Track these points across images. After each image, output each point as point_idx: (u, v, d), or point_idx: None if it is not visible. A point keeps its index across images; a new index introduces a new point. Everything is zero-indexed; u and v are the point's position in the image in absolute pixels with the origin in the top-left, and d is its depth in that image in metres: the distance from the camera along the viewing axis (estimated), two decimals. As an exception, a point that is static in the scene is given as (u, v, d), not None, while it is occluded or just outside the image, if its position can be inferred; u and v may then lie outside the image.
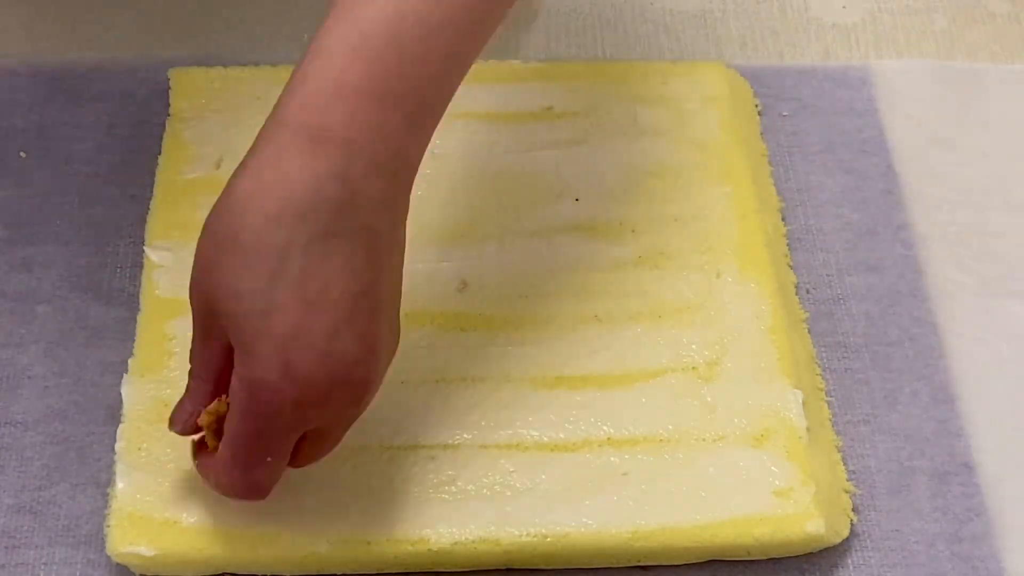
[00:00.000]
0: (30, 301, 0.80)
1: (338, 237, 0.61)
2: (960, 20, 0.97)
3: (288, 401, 0.61)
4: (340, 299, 0.61)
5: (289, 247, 0.61)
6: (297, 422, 0.63)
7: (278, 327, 0.60)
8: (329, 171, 0.61)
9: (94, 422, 0.76)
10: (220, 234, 0.62)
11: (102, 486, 0.74)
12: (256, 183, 0.62)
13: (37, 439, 0.75)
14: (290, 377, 0.61)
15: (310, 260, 0.61)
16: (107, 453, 0.74)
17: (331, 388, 0.62)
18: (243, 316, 0.61)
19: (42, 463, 0.75)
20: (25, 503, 0.73)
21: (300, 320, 0.60)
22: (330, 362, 0.61)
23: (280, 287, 0.60)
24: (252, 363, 0.61)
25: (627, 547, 0.71)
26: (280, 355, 0.61)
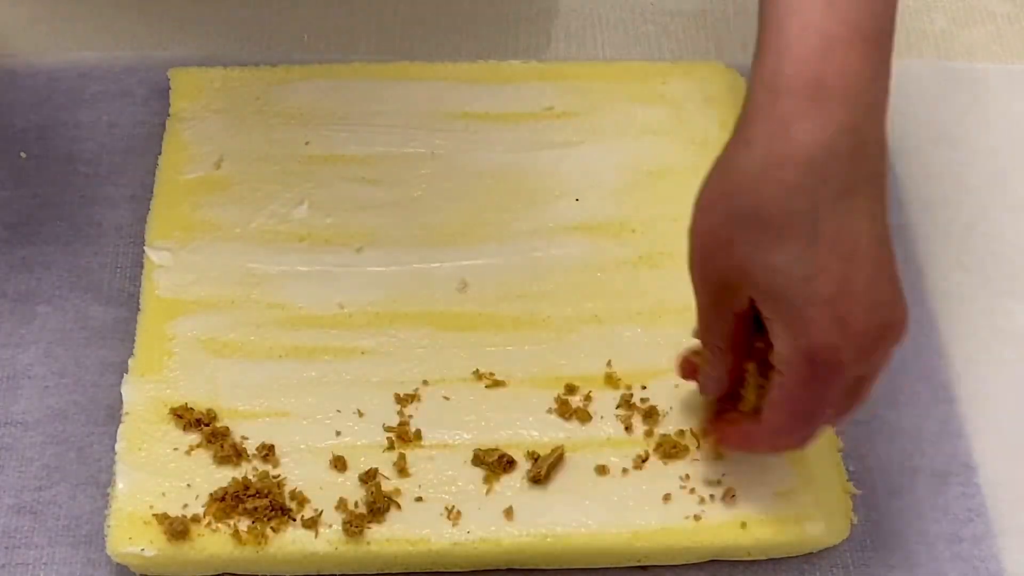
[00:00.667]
0: (30, 301, 0.80)
1: (857, 190, 0.62)
2: (960, 20, 0.97)
3: (849, 357, 0.63)
4: (870, 248, 0.62)
5: (817, 210, 0.61)
6: (855, 372, 0.64)
7: (825, 288, 0.61)
8: (838, 126, 0.61)
9: (94, 422, 0.76)
10: (735, 210, 0.63)
11: (102, 486, 0.74)
12: (766, 154, 0.62)
13: (37, 439, 0.75)
14: (848, 333, 0.62)
15: (838, 218, 0.61)
16: (107, 453, 0.74)
17: (880, 334, 0.63)
18: (785, 286, 0.62)
19: (42, 463, 0.75)
20: (25, 503, 0.73)
21: (843, 277, 0.61)
22: (877, 310, 0.62)
23: (816, 251, 0.61)
24: (807, 329, 0.62)
25: (627, 547, 0.71)
26: (833, 314, 0.62)
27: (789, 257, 0.61)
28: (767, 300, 0.63)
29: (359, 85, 0.87)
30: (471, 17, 0.95)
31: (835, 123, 0.61)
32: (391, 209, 0.82)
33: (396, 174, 0.84)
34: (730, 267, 0.64)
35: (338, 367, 0.76)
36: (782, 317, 0.63)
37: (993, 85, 0.93)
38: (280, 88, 0.87)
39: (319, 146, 0.84)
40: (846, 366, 0.63)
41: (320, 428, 0.74)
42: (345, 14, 0.94)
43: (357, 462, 0.73)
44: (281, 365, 0.76)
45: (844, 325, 0.62)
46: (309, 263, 0.80)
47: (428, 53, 0.92)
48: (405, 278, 0.79)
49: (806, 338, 0.62)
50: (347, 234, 0.81)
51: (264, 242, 0.80)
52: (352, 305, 0.78)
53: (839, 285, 0.61)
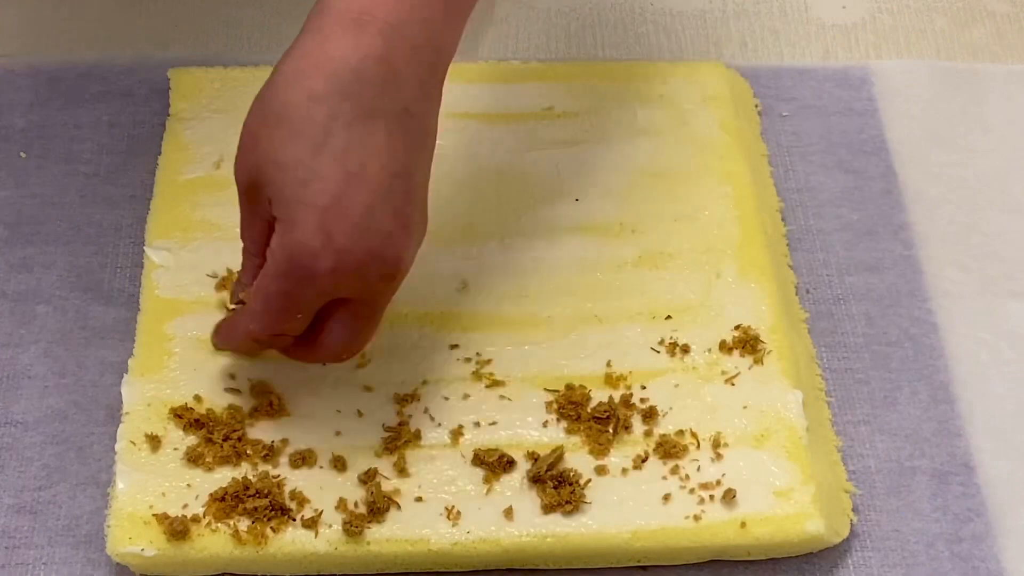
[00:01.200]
0: (30, 301, 0.80)
1: (379, 117, 0.65)
2: (960, 20, 0.97)
3: (325, 267, 0.65)
4: (378, 176, 0.65)
5: (332, 122, 0.64)
6: (330, 287, 0.66)
7: (319, 197, 0.64)
8: (372, 53, 0.65)
9: (94, 422, 0.76)
10: (266, 110, 0.66)
11: (102, 486, 0.74)
12: (302, 62, 0.66)
13: (37, 439, 0.75)
14: (329, 246, 0.65)
15: (352, 136, 0.64)
16: (107, 453, 0.74)
17: (366, 260, 0.65)
18: (286, 185, 0.65)
19: (42, 463, 0.75)
20: (25, 503, 0.73)
21: (340, 191, 0.64)
22: (367, 235, 0.65)
23: (322, 159, 0.64)
24: (293, 229, 0.65)
25: (627, 547, 0.71)
26: (320, 223, 0.64)
27: (294, 158, 0.64)
28: (272, 198, 0.66)
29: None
30: (471, 17, 0.95)
31: (368, 49, 0.65)
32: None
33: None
34: (254, 164, 0.66)
35: (338, 367, 0.76)
36: (279, 213, 0.65)
37: (993, 85, 0.93)
38: (280, 88, 0.87)
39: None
40: (321, 275, 0.65)
41: (320, 428, 0.74)
42: (345, 14, 0.94)
43: (357, 462, 0.73)
44: (281, 365, 0.76)
45: (328, 236, 0.64)
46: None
47: (428, 53, 0.92)
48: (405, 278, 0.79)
49: (291, 235, 0.65)
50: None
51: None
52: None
53: (333, 197, 0.64)
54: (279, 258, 0.66)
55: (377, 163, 0.65)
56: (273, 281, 0.67)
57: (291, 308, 0.68)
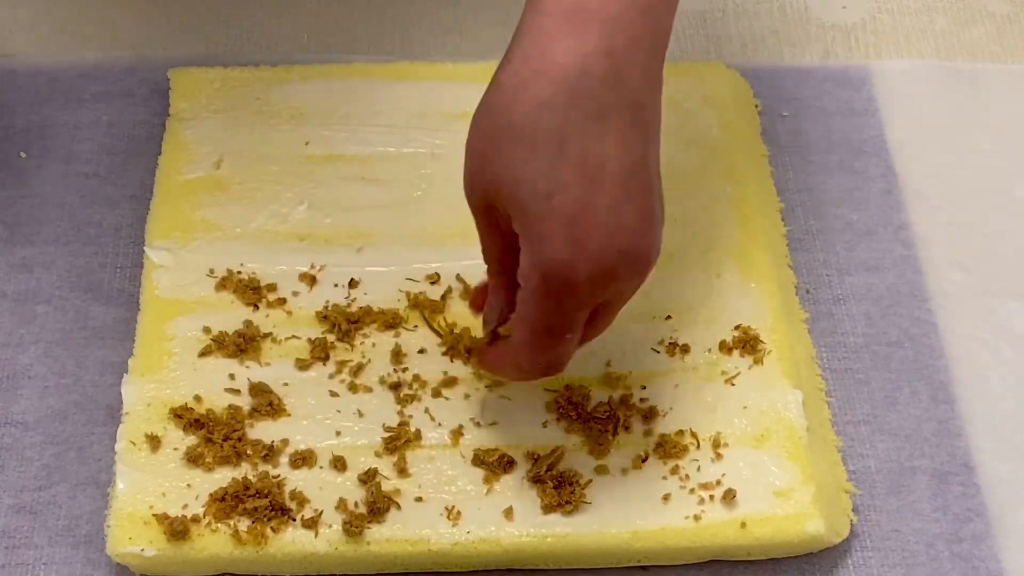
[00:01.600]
0: (30, 301, 0.80)
1: (610, 114, 0.63)
2: (960, 20, 0.97)
3: (582, 277, 0.63)
4: (618, 174, 0.63)
5: (565, 128, 0.62)
6: (590, 297, 0.64)
7: (564, 206, 0.62)
8: (594, 49, 0.62)
9: (94, 422, 0.76)
10: (493, 126, 0.64)
11: (102, 486, 0.74)
12: (523, 71, 0.63)
13: (37, 439, 0.75)
14: (582, 254, 0.62)
15: (587, 139, 0.62)
16: (107, 453, 0.74)
17: (619, 261, 0.63)
18: (528, 200, 0.63)
19: (42, 463, 0.75)
20: (25, 503, 0.73)
21: (584, 198, 0.62)
22: (616, 236, 0.63)
23: (561, 168, 0.62)
24: (542, 245, 0.63)
25: (627, 547, 0.71)
26: (569, 233, 0.62)
27: (533, 172, 0.62)
28: (515, 214, 0.64)
29: (359, 85, 0.87)
30: (471, 17, 0.95)
31: (590, 45, 0.62)
32: (391, 209, 0.82)
33: (396, 174, 0.84)
34: (489, 182, 0.64)
35: (338, 367, 0.76)
36: (524, 231, 0.63)
37: (993, 85, 0.93)
38: (280, 88, 0.87)
39: (319, 146, 0.84)
40: (580, 286, 0.63)
41: (320, 428, 0.74)
42: (345, 14, 0.94)
43: (357, 462, 0.73)
44: (281, 365, 0.76)
45: (579, 244, 0.62)
46: (309, 263, 0.80)
47: (428, 53, 0.92)
48: (404, 279, 0.79)
49: (541, 253, 0.63)
50: (347, 234, 0.81)
51: (264, 242, 0.80)
52: (352, 305, 0.78)
53: (579, 205, 0.62)
54: (534, 280, 0.64)
55: (615, 162, 0.63)
56: (534, 306, 0.65)
57: (559, 328, 0.66)
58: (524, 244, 0.64)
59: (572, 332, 0.66)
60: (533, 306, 0.65)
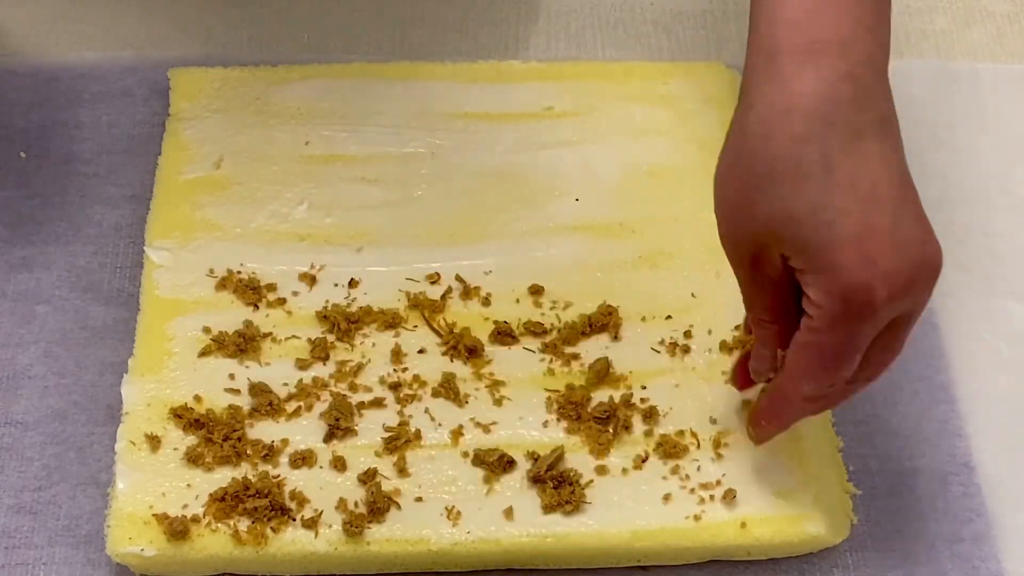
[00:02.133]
0: (30, 301, 0.80)
1: (865, 134, 0.63)
2: (960, 20, 0.97)
3: (881, 297, 0.63)
4: (889, 190, 0.63)
5: (828, 156, 0.62)
6: (889, 312, 0.64)
7: (849, 229, 0.62)
8: (837, 75, 0.63)
9: (94, 422, 0.76)
10: (750, 172, 0.64)
11: (102, 486, 0.74)
12: (770, 111, 0.63)
13: (37, 439, 0.75)
14: (879, 272, 0.62)
15: (851, 161, 0.63)
16: (107, 453, 0.74)
17: (912, 274, 0.64)
18: (809, 233, 0.62)
19: (42, 463, 0.75)
20: (25, 503, 0.73)
21: (865, 217, 0.62)
22: (904, 249, 0.63)
23: (836, 194, 0.62)
24: (837, 273, 0.62)
25: (627, 547, 0.71)
26: (862, 254, 0.62)
27: (808, 205, 0.62)
28: (795, 253, 0.64)
29: (359, 85, 0.87)
30: (471, 17, 0.95)
31: (833, 73, 0.63)
32: (391, 209, 0.82)
33: (396, 174, 0.84)
34: (755, 231, 0.65)
35: (338, 367, 0.76)
36: (812, 265, 0.63)
37: (993, 85, 0.93)
38: (280, 88, 0.87)
39: (319, 146, 0.84)
40: (879, 306, 0.63)
41: (320, 428, 0.74)
42: (345, 14, 0.94)
43: (357, 462, 0.73)
44: (281, 365, 0.76)
45: (873, 263, 0.62)
46: (309, 263, 0.80)
47: (428, 53, 0.92)
48: (403, 279, 0.79)
49: (838, 281, 0.63)
50: (347, 234, 0.81)
51: (264, 242, 0.80)
52: (352, 305, 0.78)
53: (862, 225, 0.62)
54: (831, 307, 0.63)
55: (884, 178, 0.63)
56: (828, 332, 0.64)
57: (850, 352, 0.65)
58: (812, 278, 0.63)
59: (861, 352, 0.65)
60: (828, 332, 0.64)
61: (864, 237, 0.62)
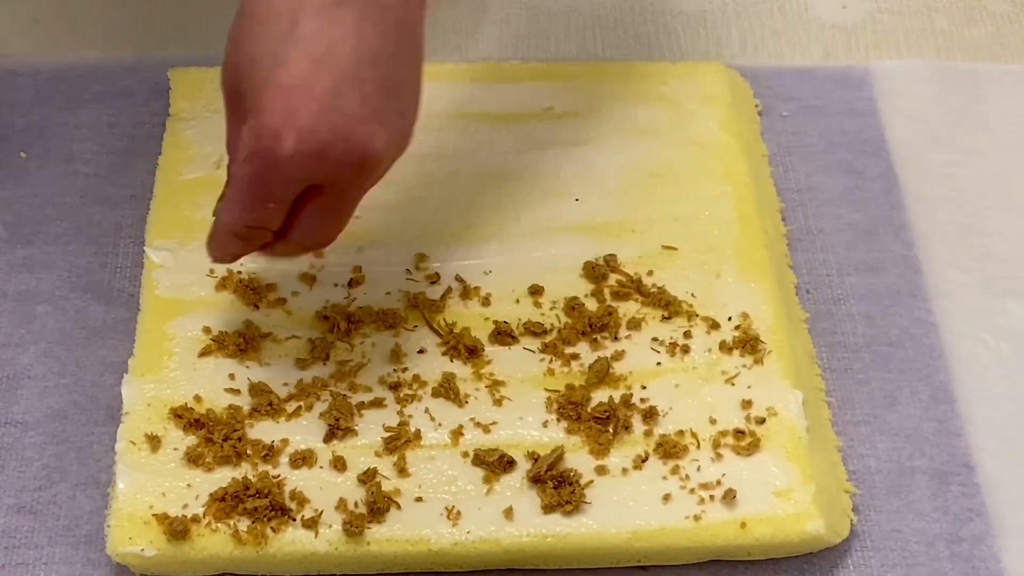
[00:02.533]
0: (30, 301, 0.80)
1: (347, 4, 0.65)
2: (960, 20, 0.97)
3: (288, 148, 0.64)
4: (345, 60, 0.65)
5: (300, 11, 0.65)
6: (296, 170, 0.65)
7: (284, 78, 0.64)
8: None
9: (94, 422, 0.76)
10: (242, 11, 0.68)
11: (102, 486, 0.74)
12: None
13: (37, 439, 0.75)
14: (292, 125, 0.64)
15: (319, 22, 0.65)
16: (107, 453, 0.74)
17: (330, 140, 0.65)
18: (255, 73, 0.66)
19: (42, 463, 0.75)
20: (25, 503, 0.73)
21: (305, 74, 0.64)
22: (332, 116, 0.64)
23: (289, 45, 0.65)
24: (259, 113, 0.65)
25: (627, 547, 0.71)
26: (284, 102, 0.64)
27: (264, 48, 0.65)
28: (247, 93, 0.66)
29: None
30: (471, 17, 0.95)
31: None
32: (391, 209, 0.82)
33: (396, 174, 0.84)
34: (233, 65, 0.68)
35: (338, 367, 0.76)
36: (250, 104, 0.66)
37: (993, 85, 0.93)
38: (280, 88, 0.87)
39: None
40: (284, 155, 0.64)
41: (320, 428, 0.74)
42: (345, 14, 0.94)
43: (357, 462, 0.73)
44: (281, 365, 0.76)
45: (291, 115, 0.64)
46: (309, 263, 0.80)
47: (428, 53, 0.92)
48: (403, 279, 0.79)
49: (256, 120, 0.65)
50: (347, 234, 0.81)
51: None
52: (352, 305, 0.78)
53: (297, 79, 0.64)
54: (247, 142, 0.65)
55: (344, 48, 0.65)
56: (243, 166, 0.66)
57: (262, 194, 0.67)
58: (248, 115, 0.66)
59: (275, 203, 0.67)
60: (243, 166, 0.66)
61: (294, 90, 0.64)
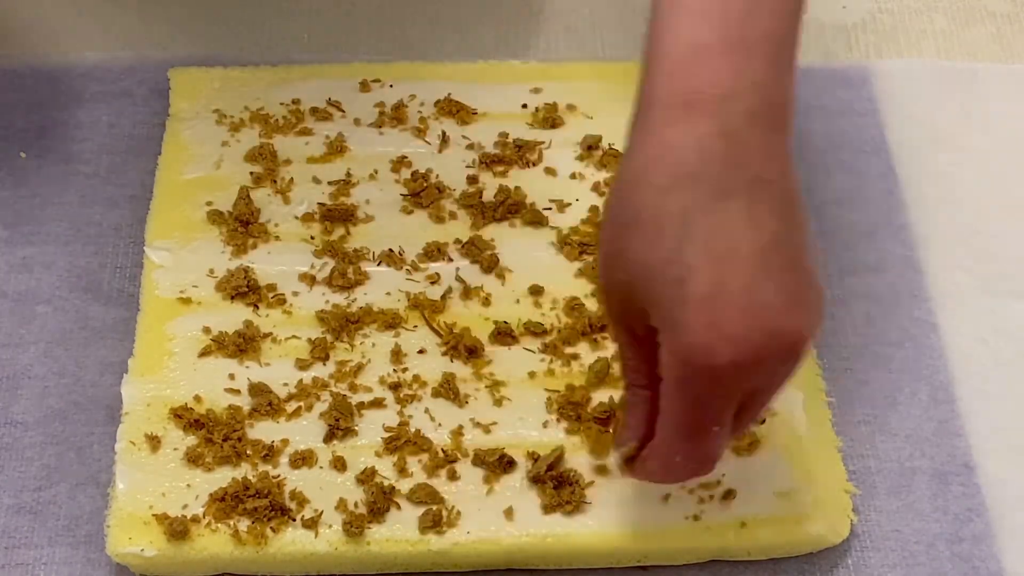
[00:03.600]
0: (30, 301, 0.80)
1: (733, 193, 0.60)
2: (960, 20, 0.97)
3: (724, 361, 0.60)
4: (750, 253, 0.60)
5: (688, 212, 0.60)
6: (735, 383, 0.61)
7: (697, 289, 0.59)
8: (709, 130, 0.61)
9: (94, 422, 0.76)
10: (619, 219, 0.62)
11: (102, 486, 0.74)
12: (642, 160, 0.62)
13: (37, 439, 0.75)
14: (723, 335, 0.59)
15: (711, 219, 0.60)
16: (107, 453, 0.74)
17: (763, 342, 0.60)
18: (660, 288, 0.60)
19: (42, 463, 0.75)
20: (25, 503, 0.73)
21: (717, 279, 0.60)
22: (756, 315, 0.60)
23: (689, 251, 0.60)
24: (679, 332, 0.60)
25: (627, 547, 0.71)
26: (705, 316, 0.59)
27: (662, 259, 0.60)
28: (649, 306, 0.61)
29: (359, 85, 0.87)
30: (471, 17, 0.95)
31: (704, 128, 0.61)
32: (391, 209, 0.82)
33: (396, 174, 0.84)
34: (623, 276, 0.63)
35: (338, 367, 0.76)
36: (661, 321, 0.61)
37: (993, 85, 0.93)
38: (280, 88, 0.87)
39: (319, 146, 0.84)
40: (723, 371, 0.60)
41: (320, 428, 0.74)
42: (345, 14, 0.94)
43: (357, 462, 0.73)
44: (281, 365, 0.76)
45: (718, 327, 0.59)
46: (309, 263, 0.80)
47: (428, 53, 0.92)
48: (403, 280, 0.79)
49: (678, 340, 0.60)
50: (347, 234, 0.81)
51: (264, 242, 0.80)
52: (352, 305, 0.78)
53: (712, 287, 0.59)
54: (674, 368, 0.61)
55: (745, 240, 0.60)
56: (677, 398, 0.62)
57: (705, 421, 0.62)
58: (662, 336, 0.61)
59: (719, 425, 0.63)
60: (676, 399, 0.62)
61: (712, 299, 0.59)
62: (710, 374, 0.60)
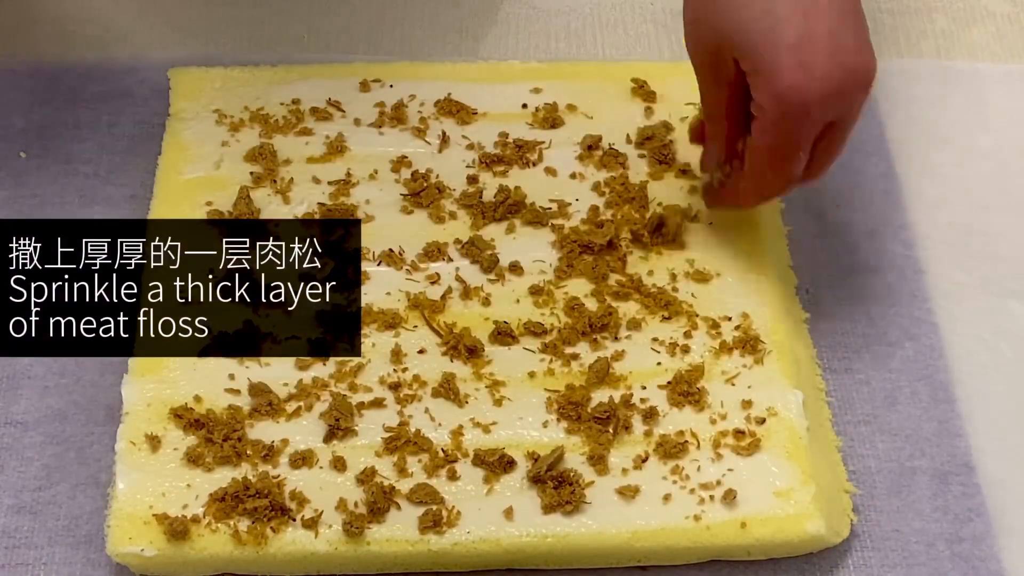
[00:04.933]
0: (30, 301, 0.80)
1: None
2: (960, 20, 0.97)
3: (814, 98, 0.71)
4: (830, 5, 0.71)
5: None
6: (822, 115, 0.72)
7: (789, 37, 0.70)
8: None
9: (94, 422, 0.76)
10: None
11: (102, 486, 0.74)
12: None
13: (37, 439, 0.76)
14: (812, 75, 0.70)
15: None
16: (107, 453, 0.74)
17: (844, 77, 0.71)
18: (755, 39, 0.71)
19: (42, 463, 0.75)
20: (25, 503, 0.74)
21: (805, 27, 0.70)
22: (839, 55, 0.71)
23: (778, 5, 0.70)
24: (775, 76, 0.71)
25: (627, 547, 0.71)
26: (798, 58, 0.70)
27: (754, 13, 0.70)
28: (743, 56, 0.71)
29: (359, 85, 0.87)
30: (471, 17, 0.95)
31: None
32: (391, 209, 0.82)
33: (396, 174, 0.84)
34: (712, 34, 0.73)
35: (338, 367, 0.76)
36: (755, 67, 0.71)
37: (993, 85, 0.93)
38: (280, 88, 0.87)
39: (319, 146, 0.84)
40: (812, 106, 0.71)
41: (320, 428, 0.74)
42: (345, 14, 0.95)
43: (357, 462, 0.73)
44: (281, 365, 0.76)
45: (808, 68, 0.70)
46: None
47: (428, 53, 0.92)
48: (403, 280, 0.79)
49: (774, 83, 0.70)
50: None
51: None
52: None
53: (801, 34, 0.70)
54: (771, 108, 0.71)
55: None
56: (771, 132, 0.72)
57: (794, 149, 0.73)
58: (757, 80, 0.71)
59: (804, 150, 0.73)
60: (771, 132, 0.72)
61: (801, 44, 0.70)
62: (802, 109, 0.71)
